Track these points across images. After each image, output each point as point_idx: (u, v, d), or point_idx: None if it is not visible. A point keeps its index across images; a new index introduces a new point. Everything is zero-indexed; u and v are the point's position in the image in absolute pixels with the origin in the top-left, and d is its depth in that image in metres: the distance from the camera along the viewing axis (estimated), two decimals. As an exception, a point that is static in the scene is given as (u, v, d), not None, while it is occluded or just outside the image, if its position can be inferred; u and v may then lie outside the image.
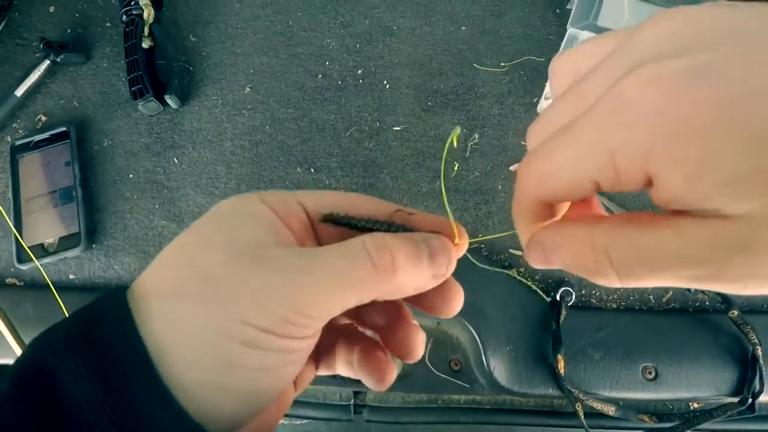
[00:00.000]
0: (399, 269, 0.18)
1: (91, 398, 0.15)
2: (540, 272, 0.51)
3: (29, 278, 0.54)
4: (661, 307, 0.49)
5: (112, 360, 0.16)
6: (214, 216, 0.19)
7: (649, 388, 0.45)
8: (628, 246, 0.15)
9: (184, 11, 0.62)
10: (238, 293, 0.17)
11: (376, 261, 0.17)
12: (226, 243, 0.18)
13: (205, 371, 0.17)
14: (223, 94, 0.59)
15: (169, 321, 0.17)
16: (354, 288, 0.17)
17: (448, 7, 0.60)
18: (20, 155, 0.56)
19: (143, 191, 0.56)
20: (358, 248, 0.18)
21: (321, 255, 0.18)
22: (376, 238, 0.18)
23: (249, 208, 0.19)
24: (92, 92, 0.59)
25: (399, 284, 0.18)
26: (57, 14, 0.63)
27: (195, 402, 0.16)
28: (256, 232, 0.18)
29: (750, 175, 0.13)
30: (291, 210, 0.20)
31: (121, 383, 0.16)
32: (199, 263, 0.18)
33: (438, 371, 0.47)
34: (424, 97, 0.57)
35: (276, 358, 0.17)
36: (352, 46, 0.60)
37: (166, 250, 0.19)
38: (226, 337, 0.17)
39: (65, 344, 0.16)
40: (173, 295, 0.17)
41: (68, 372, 0.16)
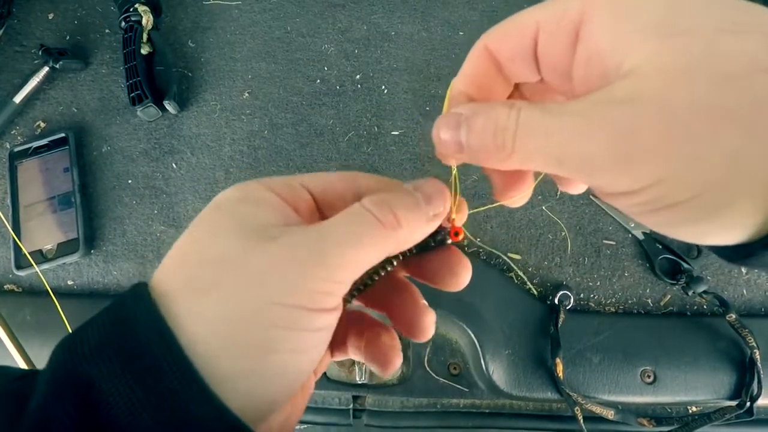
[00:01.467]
0: (402, 220, 0.18)
1: (132, 403, 0.15)
2: (538, 276, 0.51)
3: (27, 284, 0.54)
4: (659, 310, 0.49)
5: (149, 362, 0.16)
6: (217, 206, 0.19)
7: (647, 392, 0.45)
8: (536, 117, 0.17)
9: (182, 18, 0.62)
10: (261, 275, 0.17)
11: (381, 218, 0.18)
12: (236, 229, 0.18)
13: (241, 361, 0.16)
14: (222, 100, 0.59)
15: (197, 316, 0.16)
16: (368, 246, 0.18)
17: (446, 12, 0.61)
18: (19, 161, 0.56)
19: (142, 197, 0.56)
20: (361, 211, 0.18)
21: (331, 224, 0.18)
22: (372, 198, 0.19)
23: (252, 194, 0.19)
24: (91, 98, 0.59)
25: (405, 234, 0.19)
26: (56, 21, 0.63)
27: (233, 394, 0.16)
28: (263, 216, 0.18)
29: (662, 21, 0.15)
30: (296, 194, 0.20)
31: (161, 385, 0.15)
32: (212, 254, 0.17)
33: (437, 375, 0.47)
34: (422, 101, 0.57)
35: (309, 337, 0.17)
36: (351, 51, 0.60)
37: (176, 246, 0.19)
38: (258, 322, 0.16)
39: (99, 350, 0.16)
40: (195, 289, 0.17)
41: (106, 378, 0.15)
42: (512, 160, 0.17)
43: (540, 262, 0.51)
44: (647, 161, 0.15)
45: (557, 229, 0.52)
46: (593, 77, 0.17)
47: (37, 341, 0.50)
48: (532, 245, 0.52)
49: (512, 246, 0.52)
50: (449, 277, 0.22)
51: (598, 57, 0.17)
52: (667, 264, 0.50)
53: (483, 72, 0.21)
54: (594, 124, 0.15)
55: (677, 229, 0.17)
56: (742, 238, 0.16)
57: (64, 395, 0.15)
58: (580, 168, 0.16)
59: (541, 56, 0.19)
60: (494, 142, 0.17)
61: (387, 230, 0.18)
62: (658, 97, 0.15)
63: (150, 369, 0.16)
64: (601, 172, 0.16)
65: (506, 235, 0.52)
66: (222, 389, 0.16)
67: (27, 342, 0.49)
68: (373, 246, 0.18)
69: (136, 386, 0.15)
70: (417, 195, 0.19)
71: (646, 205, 0.16)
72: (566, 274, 0.51)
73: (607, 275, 0.51)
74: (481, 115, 0.18)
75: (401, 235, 0.19)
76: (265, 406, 0.18)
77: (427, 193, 0.20)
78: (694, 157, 0.14)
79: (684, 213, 0.15)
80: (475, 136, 0.18)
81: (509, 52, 0.20)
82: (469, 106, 0.19)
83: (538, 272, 0.51)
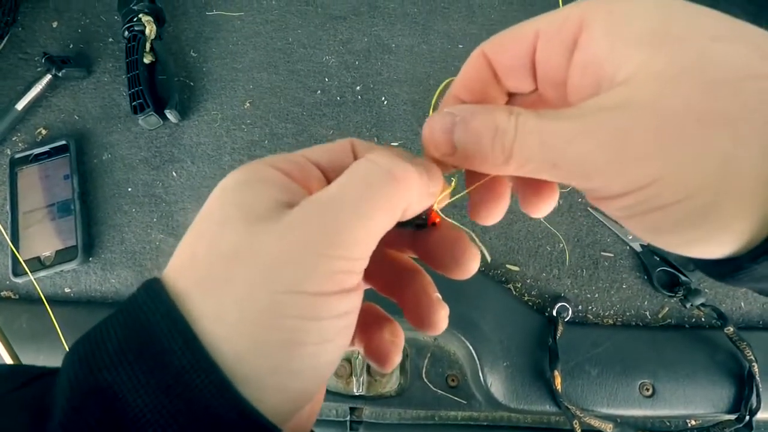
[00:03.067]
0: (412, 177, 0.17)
1: (160, 414, 0.14)
2: (537, 288, 0.51)
3: (24, 291, 0.53)
4: (657, 323, 0.49)
5: (175, 370, 0.15)
6: (221, 193, 0.18)
7: (646, 405, 0.45)
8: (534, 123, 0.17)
9: (185, 28, 0.63)
10: (274, 264, 0.16)
11: (396, 173, 0.17)
12: (242, 216, 0.16)
13: (269, 359, 0.15)
14: (223, 109, 0.59)
15: (215, 316, 0.15)
16: (384, 210, 0.17)
17: (446, 25, 0.62)
18: (19, 168, 0.57)
19: (141, 205, 0.56)
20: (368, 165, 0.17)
21: (339, 191, 0.17)
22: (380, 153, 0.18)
23: (257, 176, 0.18)
24: (93, 106, 0.60)
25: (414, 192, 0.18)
26: (60, 29, 0.63)
27: (263, 394, 0.15)
28: (269, 197, 0.17)
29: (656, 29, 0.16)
30: (304, 169, 0.19)
31: (189, 394, 0.15)
32: (222, 248, 0.16)
33: (435, 387, 0.47)
34: (422, 113, 0.58)
35: (334, 324, 0.16)
36: (351, 62, 0.60)
37: (185, 241, 0.18)
38: (279, 316, 0.15)
39: (120, 357, 0.15)
40: (209, 288, 0.16)
41: (130, 388, 0.15)
42: (508, 165, 0.17)
43: (538, 273, 0.51)
44: (641, 162, 0.15)
45: (555, 241, 0.52)
46: (588, 85, 0.17)
47: (32, 349, 0.50)
48: (530, 257, 0.52)
49: (510, 257, 0.52)
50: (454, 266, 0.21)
51: (595, 64, 0.17)
52: (665, 276, 0.50)
53: (479, 79, 0.21)
54: (589, 128, 0.16)
55: (665, 236, 0.17)
56: (730, 251, 0.16)
57: (86, 408, 0.15)
58: (575, 171, 0.16)
59: (539, 63, 0.19)
60: (492, 145, 0.17)
61: (401, 187, 0.17)
62: (652, 102, 0.15)
63: (176, 376, 0.15)
64: (595, 174, 0.16)
65: (504, 247, 0.52)
66: (251, 391, 0.15)
67: (22, 350, 0.49)
68: (388, 208, 0.17)
69: (163, 395, 0.14)
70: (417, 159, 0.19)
71: (637, 207, 0.16)
72: (564, 285, 0.51)
73: (606, 287, 0.51)
74: (480, 117, 0.18)
75: (411, 193, 0.17)
76: (296, 402, 0.17)
77: (424, 164, 0.19)
78: (686, 159, 0.15)
79: (673, 216, 0.16)
80: (471, 137, 0.18)
81: (507, 60, 0.20)
82: (465, 107, 0.18)
83: (537, 284, 0.51)
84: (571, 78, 0.18)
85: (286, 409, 0.17)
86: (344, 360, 0.48)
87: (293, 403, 0.17)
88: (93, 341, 0.16)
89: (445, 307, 0.21)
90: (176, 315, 0.15)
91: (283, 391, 0.16)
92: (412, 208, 0.18)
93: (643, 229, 0.17)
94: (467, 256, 0.21)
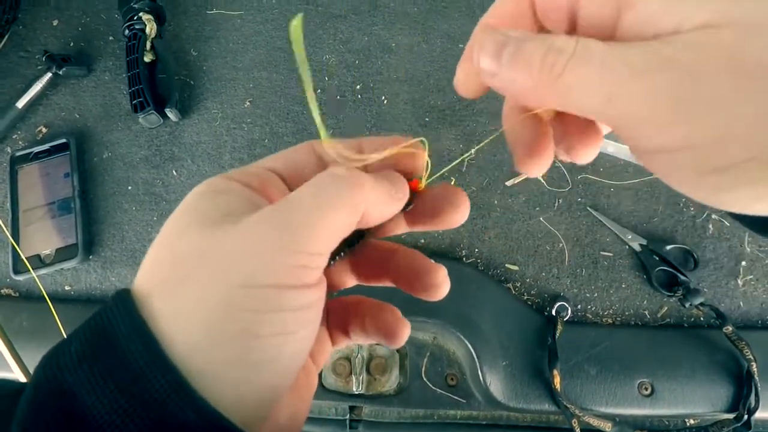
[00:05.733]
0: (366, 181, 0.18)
1: (117, 413, 0.15)
2: (536, 288, 0.51)
3: (25, 289, 0.54)
4: (656, 322, 0.50)
5: (132, 370, 0.15)
6: (182, 206, 0.19)
7: (645, 405, 0.45)
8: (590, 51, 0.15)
9: (185, 26, 0.63)
10: (228, 260, 0.16)
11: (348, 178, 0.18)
12: (199, 221, 0.17)
13: (225, 351, 0.16)
14: (223, 108, 0.59)
15: (172, 313, 0.16)
16: (338, 209, 0.17)
17: (446, 25, 0.62)
18: (19, 166, 0.57)
19: (142, 203, 0.56)
20: (325, 175, 0.18)
21: (295, 195, 0.17)
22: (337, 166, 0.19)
23: (215, 188, 0.19)
24: (93, 104, 0.60)
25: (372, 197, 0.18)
26: (60, 28, 0.64)
27: (222, 387, 0.16)
28: (224, 205, 0.18)
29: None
30: (263, 179, 0.20)
31: (146, 393, 0.15)
32: (180, 251, 0.17)
33: (434, 386, 0.47)
34: (422, 112, 0.58)
35: (293, 317, 0.17)
36: (351, 62, 0.61)
37: (150, 250, 0.18)
38: (234, 308, 0.16)
39: (81, 360, 0.15)
40: (167, 287, 0.16)
41: (88, 389, 0.15)
42: (556, 87, 0.16)
43: (537, 273, 0.51)
44: (716, 110, 0.14)
45: (555, 241, 0.52)
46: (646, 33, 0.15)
47: (32, 347, 0.50)
48: (529, 256, 0.52)
49: (510, 257, 0.52)
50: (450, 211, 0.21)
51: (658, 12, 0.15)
52: (664, 276, 0.50)
53: (517, 14, 0.19)
54: (658, 64, 0.14)
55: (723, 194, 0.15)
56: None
57: (45, 408, 0.15)
58: (632, 110, 0.15)
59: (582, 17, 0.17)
60: (543, 61, 0.16)
61: (354, 190, 0.17)
62: (732, 48, 0.14)
63: (134, 377, 0.15)
64: (656, 118, 0.14)
65: (504, 246, 0.52)
66: (209, 386, 0.16)
67: (22, 348, 0.49)
68: (342, 208, 0.17)
69: (120, 396, 0.15)
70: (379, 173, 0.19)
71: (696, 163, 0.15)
72: (564, 285, 0.51)
73: (605, 287, 0.51)
74: (535, 40, 0.16)
75: (368, 195, 0.18)
76: (261, 396, 0.17)
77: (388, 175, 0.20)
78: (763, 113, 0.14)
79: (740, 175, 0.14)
80: (522, 55, 0.16)
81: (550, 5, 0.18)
82: (519, 30, 0.17)
83: (536, 283, 0.51)
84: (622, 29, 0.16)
85: (250, 404, 0.17)
86: (344, 359, 0.48)
87: (257, 397, 0.17)
88: (60, 347, 0.16)
89: (443, 267, 0.22)
90: (135, 317, 0.16)
91: (244, 383, 0.16)
92: (376, 210, 0.19)
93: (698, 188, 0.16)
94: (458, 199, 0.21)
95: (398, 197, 0.20)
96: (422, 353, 0.48)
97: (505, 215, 0.53)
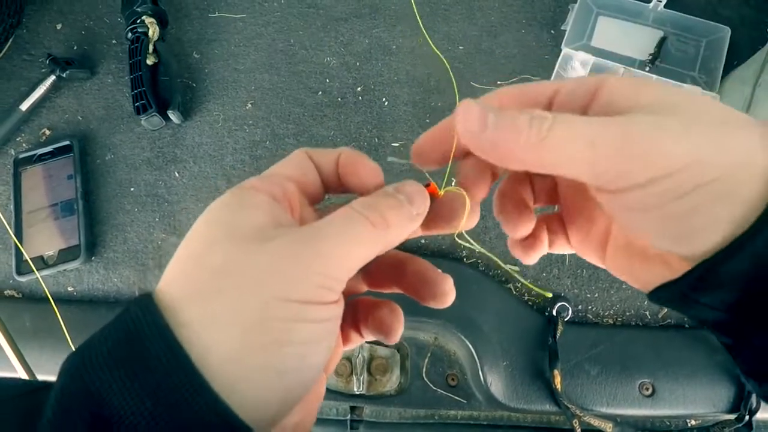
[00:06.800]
0: (390, 220, 0.20)
1: (143, 416, 0.15)
2: (537, 287, 0.51)
3: (28, 290, 0.54)
4: (657, 322, 0.50)
5: (159, 375, 0.16)
6: (209, 215, 0.19)
7: (646, 405, 0.45)
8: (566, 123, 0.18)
9: (188, 29, 0.64)
10: (263, 274, 0.17)
11: (372, 219, 0.19)
12: (230, 236, 0.18)
13: (256, 358, 0.17)
14: (225, 110, 0.60)
15: (205, 322, 0.17)
16: (362, 245, 0.19)
17: (446, 27, 0.62)
18: (23, 168, 0.57)
19: (144, 204, 0.56)
20: (353, 213, 0.19)
21: (326, 224, 0.19)
22: (362, 202, 0.20)
23: (242, 201, 0.19)
24: (96, 107, 0.60)
25: (393, 233, 0.20)
26: (64, 31, 0.64)
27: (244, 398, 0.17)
28: (255, 219, 0.19)
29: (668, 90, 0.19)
30: (288, 191, 0.21)
31: (172, 397, 0.16)
32: (212, 262, 0.18)
33: (435, 386, 0.47)
34: (422, 113, 0.58)
35: (317, 328, 0.18)
36: (352, 64, 0.61)
37: (176, 256, 0.19)
38: (267, 318, 0.17)
39: (109, 364, 0.16)
40: (200, 298, 0.17)
41: (116, 393, 0.16)
42: (541, 146, 0.18)
43: (538, 273, 0.51)
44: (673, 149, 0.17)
45: (555, 241, 0.52)
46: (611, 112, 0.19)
47: (35, 347, 0.50)
48: (530, 256, 0.52)
49: (511, 257, 0.52)
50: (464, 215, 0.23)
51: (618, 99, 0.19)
52: (664, 276, 0.50)
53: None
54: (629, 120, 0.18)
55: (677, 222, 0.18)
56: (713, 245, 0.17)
57: (73, 410, 0.15)
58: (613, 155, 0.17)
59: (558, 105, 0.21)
60: (530, 123, 0.18)
61: (378, 230, 0.19)
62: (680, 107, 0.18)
63: (160, 382, 0.16)
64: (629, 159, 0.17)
65: (505, 247, 0.52)
66: (236, 390, 0.16)
67: (26, 348, 0.49)
68: (365, 245, 0.19)
69: (147, 399, 0.15)
70: (400, 196, 0.21)
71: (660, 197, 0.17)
72: (564, 285, 0.51)
73: (605, 287, 0.51)
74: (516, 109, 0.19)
75: (390, 234, 0.20)
76: (281, 404, 0.18)
77: (408, 194, 0.21)
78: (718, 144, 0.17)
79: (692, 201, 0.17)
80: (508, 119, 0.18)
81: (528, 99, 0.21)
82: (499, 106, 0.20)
83: (536, 284, 0.51)
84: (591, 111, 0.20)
85: (270, 411, 0.18)
86: (345, 359, 0.48)
87: (278, 404, 0.18)
88: (87, 350, 0.17)
89: (449, 278, 0.23)
90: (162, 324, 0.17)
91: (269, 390, 0.17)
92: (399, 238, 0.20)
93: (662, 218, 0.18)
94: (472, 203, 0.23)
95: (419, 217, 0.21)
96: (423, 353, 0.48)
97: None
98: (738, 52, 0.58)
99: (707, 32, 0.59)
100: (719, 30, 0.58)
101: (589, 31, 0.60)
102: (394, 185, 0.21)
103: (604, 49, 0.59)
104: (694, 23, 0.59)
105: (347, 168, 0.23)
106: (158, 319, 0.17)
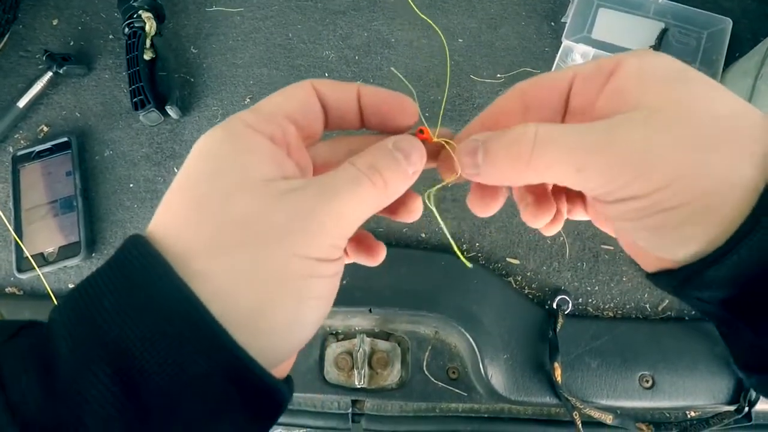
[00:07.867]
0: (389, 180, 0.20)
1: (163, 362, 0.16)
2: (537, 281, 0.51)
3: (28, 287, 0.54)
4: (657, 315, 0.50)
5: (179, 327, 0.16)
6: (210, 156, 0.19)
7: (646, 397, 0.45)
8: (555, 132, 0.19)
9: (185, 24, 0.63)
10: (284, 231, 0.18)
11: (373, 180, 0.20)
12: (241, 185, 0.18)
13: (281, 315, 0.18)
14: (224, 105, 0.59)
15: (227, 274, 0.17)
16: (366, 205, 0.20)
17: (445, 20, 0.61)
18: (21, 165, 0.57)
19: (143, 200, 0.56)
20: (355, 172, 0.20)
21: (332, 182, 0.19)
22: (362, 161, 0.20)
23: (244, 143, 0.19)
24: (94, 103, 0.60)
25: (391, 193, 0.21)
26: (60, 27, 0.64)
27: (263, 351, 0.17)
28: (262, 167, 0.19)
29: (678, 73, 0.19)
30: (287, 132, 0.21)
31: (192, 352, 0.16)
32: (229, 213, 0.17)
33: (436, 380, 0.47)
34: (422, 107, 0.58)
35: (329, 283, 0.20)
36: (351, 57, 0.61)
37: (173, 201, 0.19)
38: (288, 275, 0.18)
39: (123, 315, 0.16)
40: (222, 251, 0.17)
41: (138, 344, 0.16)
42: (529, 169, 0.19)
43: (538, 266, 0.51)
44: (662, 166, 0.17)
45: (555, 234, 0.52)
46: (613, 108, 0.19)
47: (37, 344, 0.50)
48: (530, 250, 0.52)
49: (511, 250, 0.52)
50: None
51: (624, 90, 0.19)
52: (664, 269, 0.50)
53: (509, 111, 0.23)
54: (614, 136, 0.18)
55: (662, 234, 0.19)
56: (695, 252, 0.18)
57: (93, 360, 0.15)
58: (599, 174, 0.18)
59: (574, 95, 0.22)
60: (507, 155, 0.20)
61: (377, 190, 0.20)
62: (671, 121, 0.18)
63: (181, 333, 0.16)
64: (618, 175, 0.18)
65: (505, 240, 0.53)
66: (258, 344, 0.17)
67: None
68: (368, 205, 0.20)
69: (166, 351, 0.16)
70: (398, 155, 0.21)
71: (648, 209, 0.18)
72: (564, 278, 0.51)
73: (606, 280, 0.51)
74: (495, 139, 0.21)
75: (388, 194, 0.21)
76: (295, 351, 0.20)
77: (406, 150, 0.21)
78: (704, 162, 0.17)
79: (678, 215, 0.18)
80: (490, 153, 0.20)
81: (544, 93, 0.22)
82: (485, 133, 0.21)
83: (537, 277, 0.51)
84: (599, 102, 0.20)
85: (286, 358, 0.19)
86: (346, 353, 0.48)
87: (294, 352, 0.20)
88: (89, 300, 0.17)
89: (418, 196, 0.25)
90: (175, 279, 0.16)
91: (290, 342, 0.19)
92: (394, 196, 0.21)
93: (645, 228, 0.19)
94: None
95: (414, 176, 0.21)
96: (424, 347, 0.48)
97: (506, 209, 0.53)
98: (740, 44, 0.57)
99: (708, 24, 0.58)
100: (721, 22, 0.58)
101: (589, 24, 0.59)
102: (392, 139, 0.22)
103: (605, 41, 0.58)
104: (696, 15, 0.58)
105: (382, 107, 0.23)
106: (169, 273, 0.16)
